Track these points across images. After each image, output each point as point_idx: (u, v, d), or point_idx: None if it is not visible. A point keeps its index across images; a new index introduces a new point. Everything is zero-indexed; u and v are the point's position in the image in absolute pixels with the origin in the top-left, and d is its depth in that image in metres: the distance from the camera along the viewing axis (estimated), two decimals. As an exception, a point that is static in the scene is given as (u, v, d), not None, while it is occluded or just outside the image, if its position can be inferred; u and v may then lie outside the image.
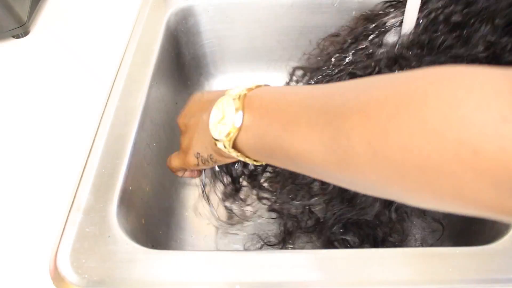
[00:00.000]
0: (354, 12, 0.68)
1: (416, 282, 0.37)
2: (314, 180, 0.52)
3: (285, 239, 0.55)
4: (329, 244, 0.54)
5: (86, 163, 0.48)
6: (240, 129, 0.32)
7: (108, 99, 0.54)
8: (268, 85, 0.35)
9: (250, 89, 0.33)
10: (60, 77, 0.67)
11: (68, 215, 0.44)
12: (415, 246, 0.55)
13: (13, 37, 0.73)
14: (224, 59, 0.76)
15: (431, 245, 0.55)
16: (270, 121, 0.30)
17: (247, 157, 0.34)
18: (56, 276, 0.39)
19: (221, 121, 0.33)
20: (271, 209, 0.56)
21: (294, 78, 0.64)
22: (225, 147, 0.33)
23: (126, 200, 0.46)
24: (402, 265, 0.38)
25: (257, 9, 0.70)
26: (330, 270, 0.38)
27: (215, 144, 0.34)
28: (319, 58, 0.61)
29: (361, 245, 0.53)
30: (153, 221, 0.53)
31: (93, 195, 0.45)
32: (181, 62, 0.71)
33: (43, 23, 0.77)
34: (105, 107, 0.54)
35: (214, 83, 0.77)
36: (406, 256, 0.39)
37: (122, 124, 0.52)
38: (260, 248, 0.56)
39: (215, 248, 0.56)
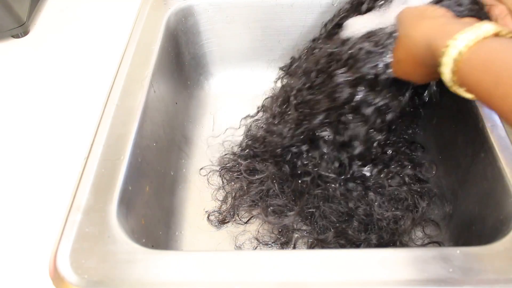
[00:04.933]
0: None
1: (416, 282, 0.37)
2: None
3: (288, 241, 0.55)
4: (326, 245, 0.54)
5: (86, 163, 0.48)
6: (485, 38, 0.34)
7: (108, 99, 0.54)
8: None
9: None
10: (60, 77, 0.67)
11: (68, 215, 0.43)
12: (415, 246, 0.55)
13: (13, 36, 0.73)
14: (224, 59, 0.76)
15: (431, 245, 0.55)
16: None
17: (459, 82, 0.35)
18: (56, 277, 0.39)
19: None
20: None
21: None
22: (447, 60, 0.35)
23: (126, 200, 0.46)
24: (402, 265, 0.38)
25: (257, 9, 0.70)
26: (330, 270, 0.38)
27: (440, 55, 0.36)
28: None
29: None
30: (153, 221, 0.53)
31: (93, 195, 0.45)
32: (181, 62, 0.71)
33: (43, 23, 0.77)
34: (105, 107, 0.53)
35: (214, 83, 0.77)
36: (406, 256, 0.39)
37: (122, 124, 0.51)
38: (256, 248, 0.56)
39: (215, 248, 0.56)
